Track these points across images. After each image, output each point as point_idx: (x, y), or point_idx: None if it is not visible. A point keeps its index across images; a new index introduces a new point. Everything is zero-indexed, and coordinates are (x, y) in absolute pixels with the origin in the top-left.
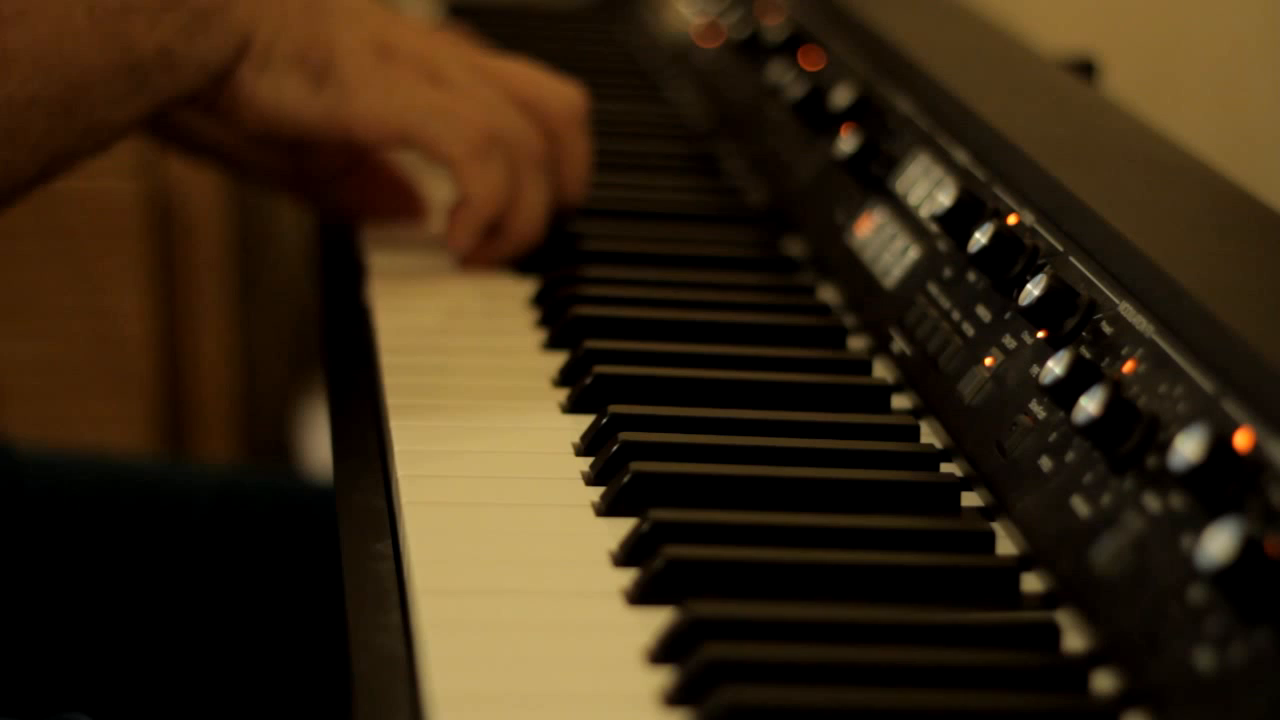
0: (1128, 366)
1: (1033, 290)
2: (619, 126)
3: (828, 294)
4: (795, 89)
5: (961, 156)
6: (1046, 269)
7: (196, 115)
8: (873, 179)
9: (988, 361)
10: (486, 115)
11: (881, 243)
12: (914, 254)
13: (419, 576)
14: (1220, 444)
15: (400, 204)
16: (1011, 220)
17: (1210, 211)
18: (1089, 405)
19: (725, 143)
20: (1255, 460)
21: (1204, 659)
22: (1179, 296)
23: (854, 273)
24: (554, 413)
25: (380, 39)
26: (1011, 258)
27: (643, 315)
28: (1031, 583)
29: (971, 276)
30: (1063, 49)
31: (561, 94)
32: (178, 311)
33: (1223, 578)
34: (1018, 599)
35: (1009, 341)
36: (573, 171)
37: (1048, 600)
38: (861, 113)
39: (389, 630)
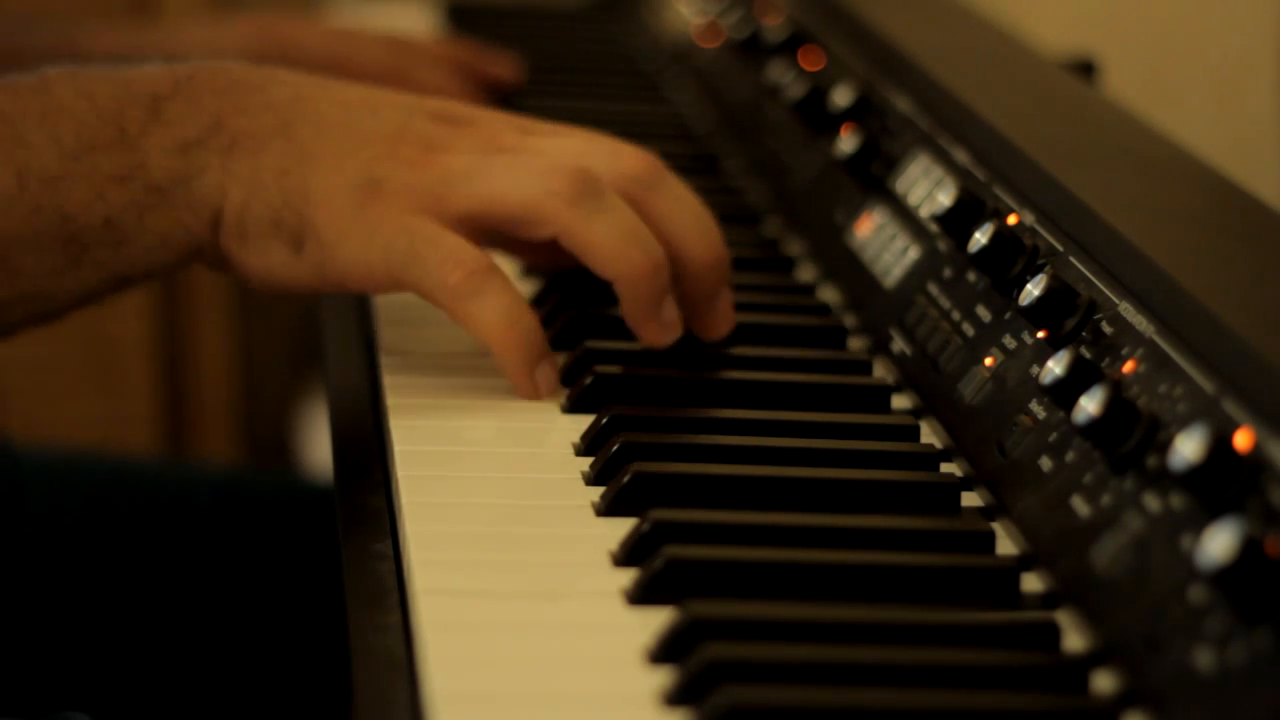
0: (1128, 366)
1: (1033, 290)
2: (619, 126)
3: (828, 294)
4: (795, 89)
5: (961, 156)
6: (1046, 269)
7: None
8: (873, 179)
9: (988, 361)
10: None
11: (881, 243)
12: (914, 254)
13: (419, 576)
14: (1220, 444)
15: None
16: (1011, 220)
17: (1210, 211)
18: (1089, 405)
19: (725, 143)
20: (1255, 460)
21: (1204, 659)
22: (1179, 296)
23: (854, 273)
24: (554, 413)
25: (367, 176)
26: (1011, 258)
27: None
28: (1031, 583)
29: (971, 276)
30: (1063, 49)
31: (624, 154)
32: (178, 311)
33: (1223, 578)
34: (1018, 599)
35: (1009, 341)
36: (679, 221)
37: (1048, 600)
38: (861, 113)
39: (389, 630)
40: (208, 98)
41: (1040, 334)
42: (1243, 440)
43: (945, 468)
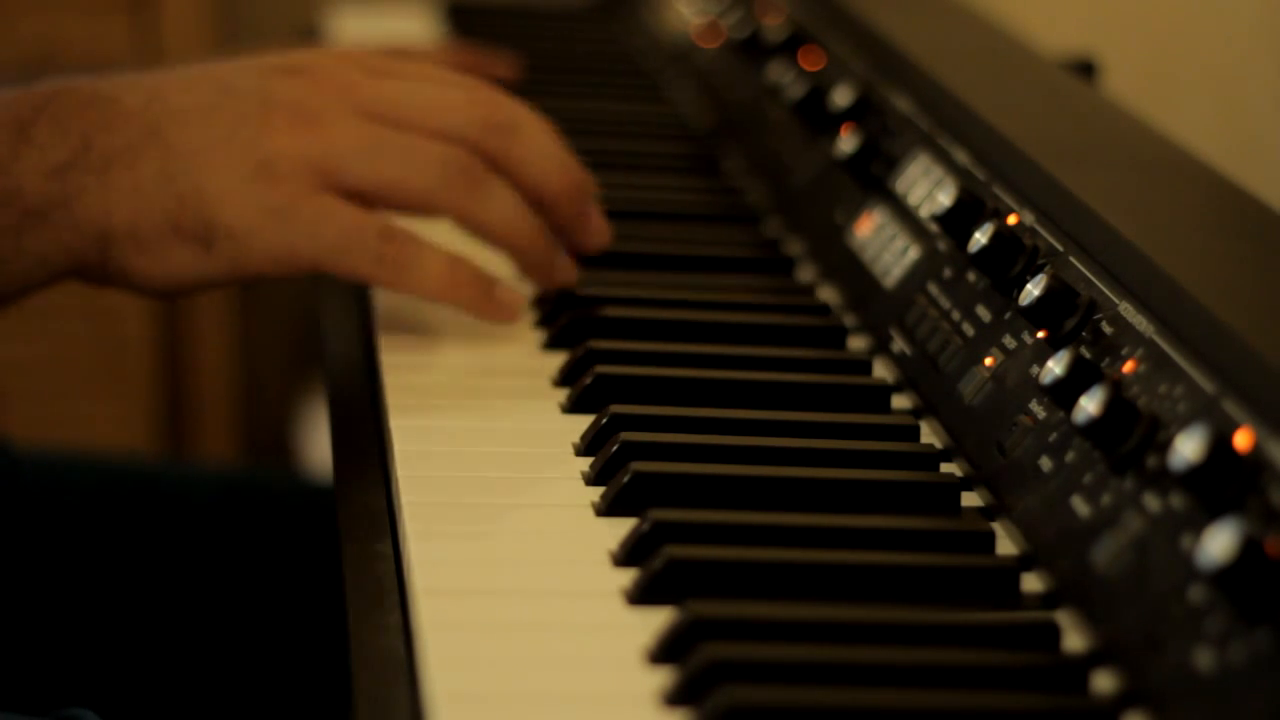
0: (1128, 366)
1: (1033, 290)
2: (619, 126)
3: (828, 294)
4: (795, 89)
5: (961, 156)
6: (1046, 269)
7: None
8: (873, 179)
9: (988, 361)
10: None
11: (881, 243)
12: (914, 254)
13: (419, 576)
14: (1220, 444)
15: None
16: (1011, 220)
17: (1210, 211)
18: (1089, 405)
19: (725, 143)
20: (1255, 460)
21: (1204, 659)
22: (1179, 296)
23: (854, 273)
24: (554, 413)
25: (254, 161)
26: (1011, 258)
27: (643, 315)
28: (1031, 583)
29: (971, 276)
30: (1063, 49)
31: (478, 101)
32: (178, 311)
33: (1223, 578)
34: (1018, 599)
35: (1009, 341)
36: (537, 164)
37: (1048, 600)
38: (861, 113)
39: (389, 630)
40: (72, 119)
41: (1040, 334)
42: (1243, 440)
43: (945, 468)
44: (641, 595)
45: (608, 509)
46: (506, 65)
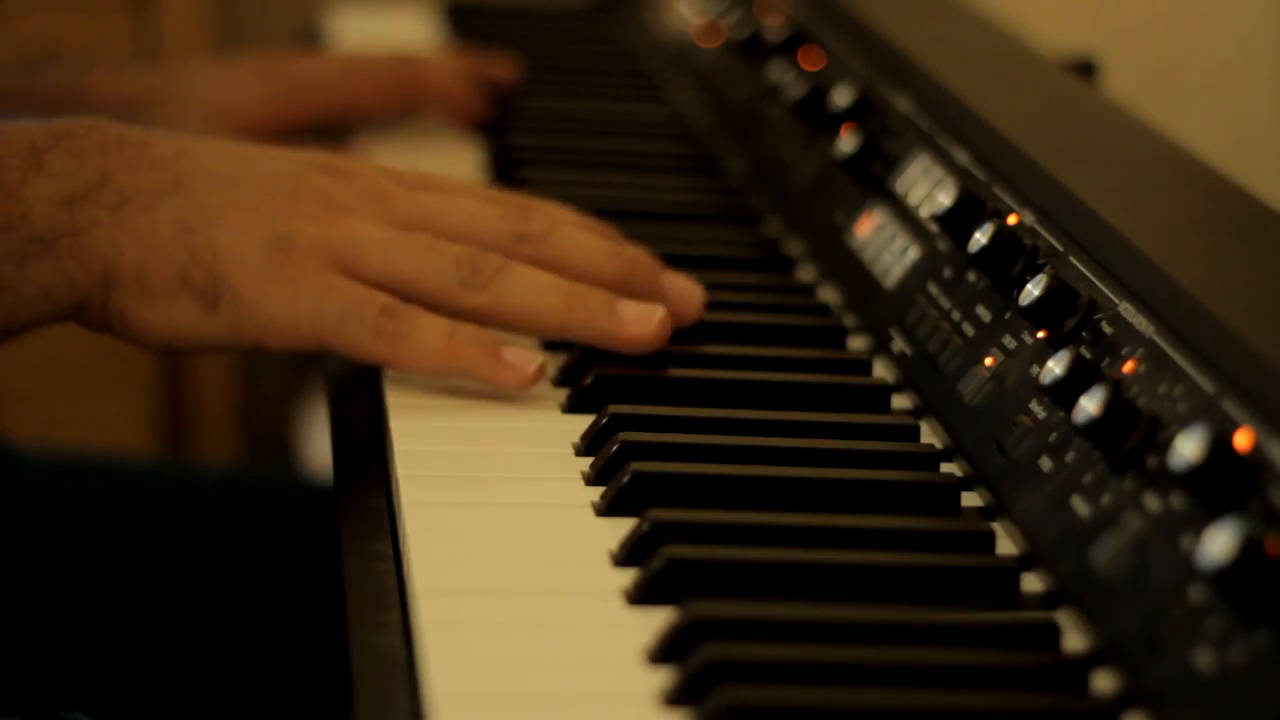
0: (1128, 366)
1: (1033, 290)
2: (619, 126)
3: (828, 294)
4: (795, 89)
5: (961, 156)
6: (1046, 269)
7: None
8: (873, 179)
9: (988, 361)
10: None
11: (881, 243)
12: (914, 254)
13: (419, 576)
14: (1220, 444)
15: None
16: (1011, 220)
17: (1210, 211)
18: (1089, 405)
19: (725, 143)
20: (1255, 460)
21: (1204, 659)
22: (1179, 296)
23: (854, 273)
24: (554, 413)
25: (274, 233)
26: (1011, 258)
27: None
28: (1031, 583)
29: (971, 276)
30: (1063, 49)
31: (511, 212)
32: None
33: (1223, 578)
34: (1018, 599)
35: (1009, 341)
36: (579, 258)
37: (1048, 600)
38: (861, 113)
39: (389, 630)
40: (91, 153)
41: (1040, 334)
42: (1243, 440)
43: (945, 468)
44: (641, 595)
45: (607, 509)
46: (505, 65)
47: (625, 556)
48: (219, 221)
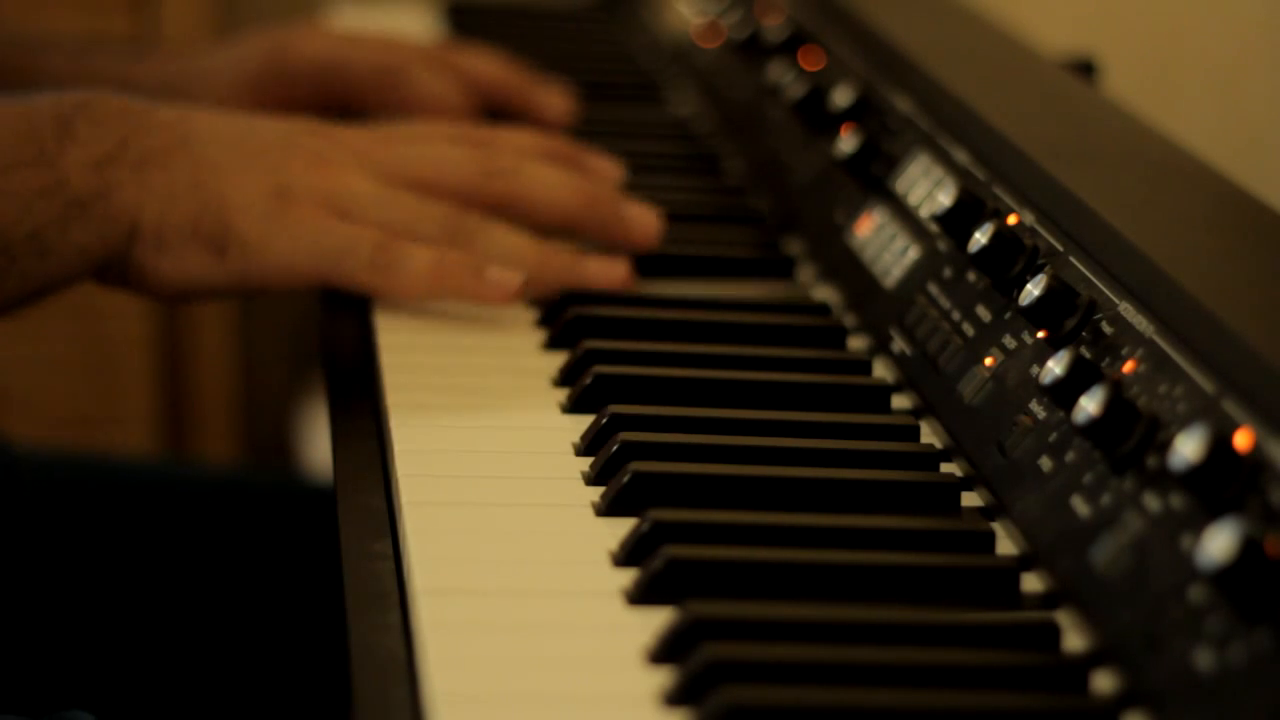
0: (1128, 366)
1: (1033, 290)
2: (619, 127)
3: (828, 294)
4: (795, 89)
5: (961, 156)
6: (1046, 269)
7: None
8: (873, 179)
9: (988, 361)
10: (398, 219)
11: (881, 243)
12: (914, 254)
13: (419, 576)
14: (1220, 444)
15: None
16: (1011, 220)
17: (1210, 211)
18: (1089, 405)
19: (725, 143)
20: (1255, 460)
21: (1204, 659)
22: (1179, 296)
23: (854, 273)
24: (554, 413)
25: (274, 183)
26: (1011, 258)
27: (642, 315)
28: (1031, 583)
29: (971, 276)
30: (1063, 49)
31: (478, 155)
32: (178, 311)
33: (1223, 578)
34: (1018, 599)
35: (1009, 341)
36: (543, 193)
37: (1048, 600)
38: (861, 113)
39: (389, 630)
40: (110, 120)
41: (1040, 334)
42: (1243, 440)
43: (945, 468)
44: (641, 595)
45: (607, 509)
46: (559, 100)
47: (625, 556)
48: (224, 176)
